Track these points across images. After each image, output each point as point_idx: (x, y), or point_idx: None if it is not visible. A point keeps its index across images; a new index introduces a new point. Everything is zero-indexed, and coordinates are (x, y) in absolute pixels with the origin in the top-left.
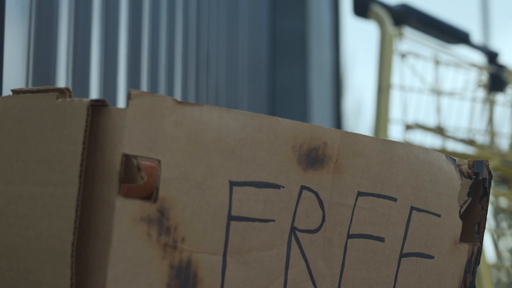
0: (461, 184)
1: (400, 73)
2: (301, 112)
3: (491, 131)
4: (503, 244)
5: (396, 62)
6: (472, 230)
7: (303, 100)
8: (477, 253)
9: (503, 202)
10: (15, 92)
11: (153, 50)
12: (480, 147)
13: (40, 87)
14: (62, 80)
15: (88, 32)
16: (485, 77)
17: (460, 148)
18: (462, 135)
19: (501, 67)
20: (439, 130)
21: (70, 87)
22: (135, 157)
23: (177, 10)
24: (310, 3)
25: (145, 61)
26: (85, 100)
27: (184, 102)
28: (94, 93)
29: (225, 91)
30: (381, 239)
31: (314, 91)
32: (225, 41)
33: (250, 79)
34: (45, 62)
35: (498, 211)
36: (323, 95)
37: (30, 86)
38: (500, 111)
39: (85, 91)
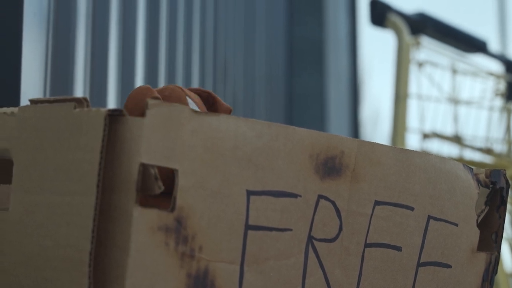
0: (478, 193)
1: (417, 82)
2: (318, 120)
3: (509, 140)
4: None
5: (413, 71)
6: (489, 239)
7: (320, 108)
8: (495, 262)
9: None
10: (33, 102)
11: (170, 59)
12: (498, 156)
13: (58, 97)
14: (79, 89)
15: (105, 42)
16: (502, 86)
17: (477, 157)
18: (479, 144)
19: None
20: (457, 139)
21: (87, 96)
22: (153, 166)
23: (194, 17)
24: (327, 10)
25: (162, 71)
26: (102, 109)
27: (201, 112)
28: (112, 102)
29: (243, 99)
30: (398, 248)
31: (331, 99)
32: (242, 49)
33: (267, 87)
34: (62, 72)
35: None
36: (340, 103)
37: (47, 96)
38: None
39: (103, 100)
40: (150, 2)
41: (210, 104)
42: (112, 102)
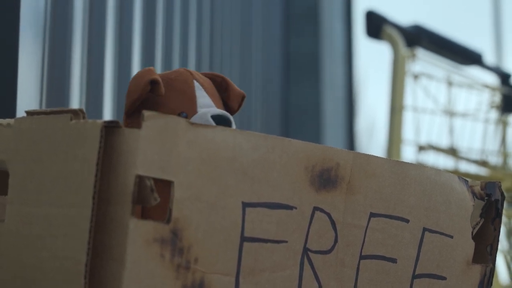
0: (473, 205)
1: (413, 94)
2: (314, 132)
3: (504, 152)
4: None
5: (409, 83)
6: (484, 251)
7: (316, 119)
8: (490, 274)
9: None
10: (29, 113)
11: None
12: (493, 168)
13: (54, 109)
14: (75, 101)
15: (101, 54)
16: (498, 98)
17: (473, 169)
18: (475, 156)
19: None
20: (452, 151)
21: (83, 108)
22: (149, 178)
23: (190, 29)
24: (323, 22)
25: None
26: (98, 121)
27: (197, 124)
28: (108, 114)
29: (238, 111)
30: (393, 260)
31: (327, 111)
32: (238, 60)
33: (263, 98)
34: (58, 84)
35: (511, 232)
36: (336, 115)
37: (44, 108)
38: None
39: (99, 112)
40: (146, 15)
41: (224, 89)
42: (108, 114)
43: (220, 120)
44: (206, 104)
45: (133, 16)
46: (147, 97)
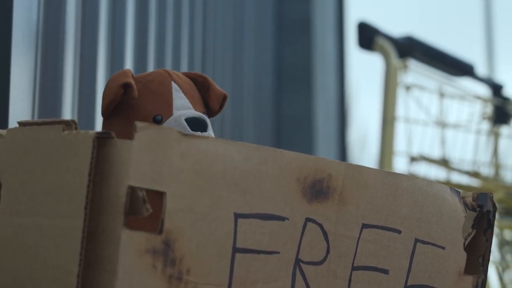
0: (465, 216)
1: (404, 105)
2: (306, 143)
3: (496, 163)
4: (508, 276)
5: (400, 94)
6: (476, 262)
7: (308, 130)
8: (482, 285)
9: (508, 234)
10: (21, 124)
11: None
12: (485, 179)
13: (46, 120)
14: (67, 112)
15: (93, 65)
16: (489, 109)
17: (464, 180)
18: (466, 167)
19: (506, 100)
20: (444, 162)
21: (76, 119)
22: (141, 189)
23: (182, 38)
24: (315, 33)
25: None
26: (91, 132)
27: (189, 135)
28: (100, 125)
29: (230, 122)
30: (385, 271)
31: (319, 122)
32: (230, 70)
33: (255, 109)
34: (51, 95)
35: (503, 243)
36: (328, 126)
37: (36, 119)
38: (504, 144)
39: (91, 123)
40: (138, 26)
41: (205, 89)
42: (100, 125)
43: (194, 123)
44: (183, 106)
45: (125, 27)
46: (123, 99)
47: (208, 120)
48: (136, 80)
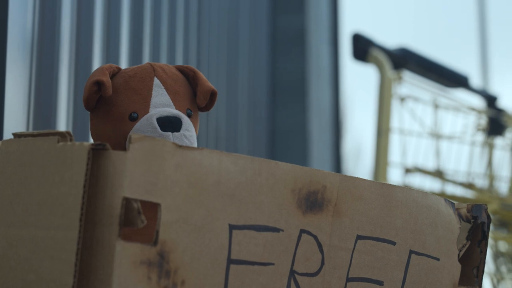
0: (459, 227)
1: (399, 116)
2: (300, 154)
3: (490, 175)
4: None
5: (395, 105)
6: (471, 273)
7: (302, 142)
8: None
9: (503, 246)
10: (16, 135)
11: None
12: (479, 190)
13: (41, 131)
14: (62, 123)
15: (88, 74)
16: (484, 121)
17: (459, 191)
18: (461, 178)
19: (500, 111)
20: (438, 174)
21: (70, 130)
22: (136, 200)
23: (177, 51)
24: (309, 45)
25: None
26: (86, 143)
27: (184, 146)
28: None
29: (225, 133)
30: (380, 283)
31: (313, 134)
32: (224, 82)
33: (250, 121)
34: (45, 106)
35: (497, 254)
36: (323, 137)
37: (31, 130)
38: (499, 155)
39: (86, 134)
40: (133, 39)
41: (195, 83)
42: None
43: (166, 122)
44: (162, 103)
45: (121, 40)
46: (104, 95)
47: (184, 119)
48: (119, 75)
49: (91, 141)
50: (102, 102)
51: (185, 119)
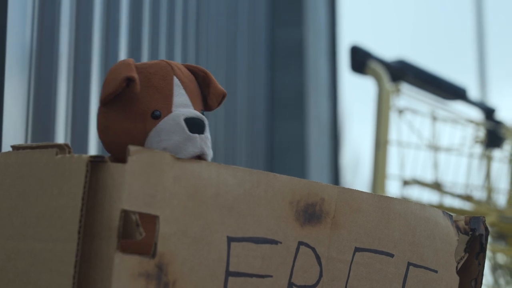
0: (458, 240)
1: (397, 129)
2: (299, 167)
3: (488, 187)
4: None
5: (393, 118)
6: (469, 286)
7: (301, 154)
8: None
9: (501, 258)
10: (14, 148)
11: None
12: (478, 202)
13: (40, 143)
14: (61, 136)
15: (87, 88)
16: (482, 133)
17: (457, 203)
18: (459, 190)
19: (498, 123)
20: (437, 186)
21: (69, 143)
22: (134, 213)
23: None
24: (307, 58)
25: None
26: (84, 156)
27: (182, 159)
28: (93, 149)
29: (223, 146)
30: None
31: (311, 146)
32: None
33: (248, 133)
34: (44, 118)
35: (495, 267)
36: (321, 149)
37: (29, 142)
38: (497, 167)
39: (84, 147)
40: (132, 50)
41: (206, 84)
42: (93, 149)
43: (193, 124)
44: (183, 103)
45: (119, 52)
46: (123, 90)
47: (206, 121)
48: (138, 70)
49: (90, 153)
50: (121, 97)
51: (207, 122)
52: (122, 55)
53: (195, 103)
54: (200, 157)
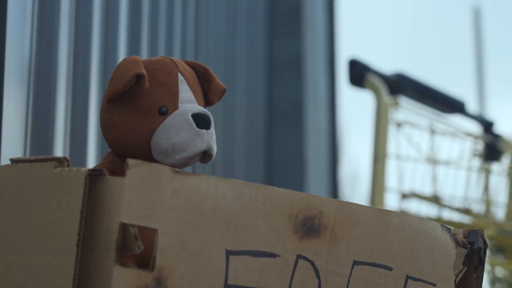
0: (456, 253)
1: (396, 142)
2: (297, 180)
3: (487, 200)
4: None
5: (392, 131)
6: None
7: (299, 167)
8: None
9: (499, 271)
10: (13, 161)
11: None
12: (476, 216)
13: (38, 157)
14: (59, 149)
15: (85, 101)
16: (480, 146)
17: (456, 217)
18: (457, 204)
19: (497, 137)
20: (435, 199)
21: (67, 156)
22: (133, 226)
23: None
24: (306, 71)
25: None
26: (83, 169)
27: (181, 172)
28: (92, 162)
29: (222, 159)
30: None
31: (310, 159)
32: (221, 108)
33: (247, 146)
34: (43, 132)
35: (494, 280)
36: (320, 162)
37: (28, 156)
38: (495, 180)
39: (83, 160)
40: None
41: (206, 80)
42: (92, 162)
43: (200, 119)
44: (188, 99)
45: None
46: (130, 87)
47: (211, 117)
48: (144, 67)
49: (88, 166)
50: (127, 94)
51: (212, 117)
52: None
53: (198, 99)
54: (207, 151)
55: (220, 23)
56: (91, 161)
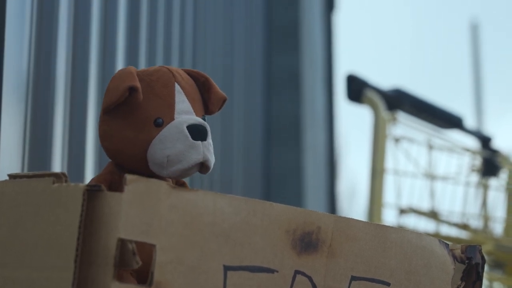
0: (454, 268)
1: (393, 157)
2: (295, 194)
3: (485, 216)
4: None
5: (389, 146)
6: None
7: (297, 183)
8: None
9: (498, 287)
10: (11, 177)
11: None
12: (474, 231)
13: (36, 172)
14: (57, 164)
15: (83, 116)
16: (478, 161)
17: (454, 232)
18: (455, 219)
19: (494, 152)
20: (433, 214)
21: (66, 171)
22: (131, 241)
23: None
24: (304, 86)
25: None
26: (81, 185)
27: (179, 187)
28: (90, 177)
29: (220, 175)
30: None
31: (308, 175)
32: (219, 123)
33: (245, 162)
34: (40, 147)
35: None
36: (318, 177)
37: (26, 171)
38: (493, 196)
39: (81, 175)
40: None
41: (206, 89)
42: (90, 175)
43: (196, 131)
44: (185, 110)
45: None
46: (125, 99)
47: (208, 128)
48: (140, 78)
49: (86, 181)
50: (123, 105)
51: (208, 128)
52: None
53: (197, 109)
54: (203, 163)
55: (218, 38)
56: (89, 174)
